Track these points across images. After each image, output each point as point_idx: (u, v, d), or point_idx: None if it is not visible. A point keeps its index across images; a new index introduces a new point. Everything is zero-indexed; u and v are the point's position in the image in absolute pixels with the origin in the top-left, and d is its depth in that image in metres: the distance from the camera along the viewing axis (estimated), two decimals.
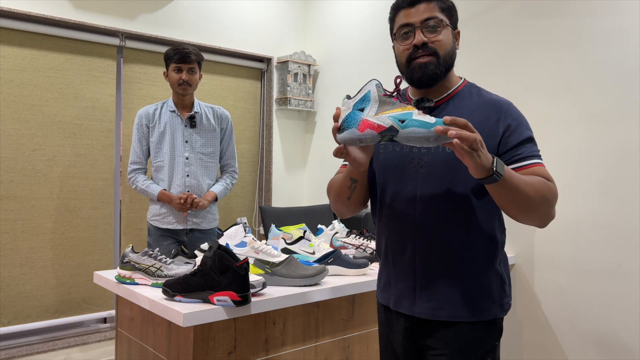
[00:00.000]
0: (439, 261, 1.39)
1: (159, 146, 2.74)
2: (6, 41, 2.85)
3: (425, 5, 1.36)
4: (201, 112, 2.80)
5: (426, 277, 1.40)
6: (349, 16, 3.71)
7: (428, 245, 1.39)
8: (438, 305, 1.39)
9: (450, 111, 1.39)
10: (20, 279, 2.89)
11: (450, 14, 1.40)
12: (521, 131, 1.36)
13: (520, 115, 1.40)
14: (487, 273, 1.40)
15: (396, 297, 1.47)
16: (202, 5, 3.50)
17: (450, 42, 1.38)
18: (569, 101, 2.52)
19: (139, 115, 2.76)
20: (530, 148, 1.36)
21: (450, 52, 1.39)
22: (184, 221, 2.74)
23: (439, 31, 1.36)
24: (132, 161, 2.76)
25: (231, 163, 2.93)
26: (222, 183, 2.86)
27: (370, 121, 1.18)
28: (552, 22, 2.59)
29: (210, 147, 2.82)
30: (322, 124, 3.95)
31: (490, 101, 1.40)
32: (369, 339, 2.13)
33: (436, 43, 1.36)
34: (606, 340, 2.38)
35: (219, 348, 1.68)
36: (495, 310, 1.40)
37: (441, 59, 1.36)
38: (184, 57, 2.66)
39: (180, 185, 2.73)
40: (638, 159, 2.29)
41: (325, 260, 2.09)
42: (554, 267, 2.56)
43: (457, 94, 1.43)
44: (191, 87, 2.71)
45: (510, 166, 1.34)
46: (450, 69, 1.41)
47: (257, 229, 3.85)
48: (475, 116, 1.37)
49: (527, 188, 1.25)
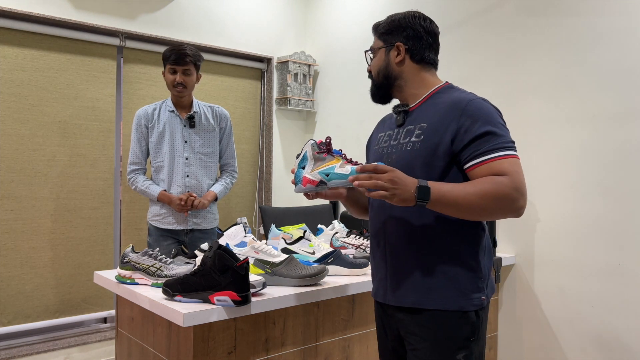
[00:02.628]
0: (405, 251, 1.47)
1: (159, 146, 2.73)
2: (6, 41, 2.85)
3: (374, 38, 1.61)
4: (200, 111, 2.79)
5: (395, 267, 1.49)
6: (349, 16, 3.71)
7: (397, 236, 1.48)
8: (404, 293, 1.47)
9: (417, 116, 1.50)
10: (21, 279, 2.90)
11: (387, 33, 1.55)
12: (477, 127, 1.37)
13: (480, 111, 1.40)
14: (455, 265, 1.43)
15: (375, 287, 1.59)
16: (202, 5, 3.50)
17: (379, 64, 1.56)
18: (569, 101, 2.53)
19: (137, 116, 2.74)
20: (489, 142, 1.37)
21: (381, 71, 1.56)
22: (184, 221, 2.74)
23: (373, 59, 1.60)
24: (132, 161, 2.75)
25: (231, 162, 2.92)
26: (222, 183, 2.85)
27: (307, 177, 1.48)
28: (552, 22, 2.59)
29: (210, 147, 2.81)
30: (322, 124, 3.96)
31: (452, 101, 1.44)
32: (369, 339, 2.13)
33: (369, 70, 1.62)
34: (606, 340, 2.38)
35: (219, 348, 1.68)
36: (461, 302, 1.42)
37: (375, 80, 1.59)
38: (178, 59, 2.62)
39: (180, 186, 2.72)
40: (638, 159, 2.30)
41: (325, 260, 2.09)
42: (554, 267, 2.57)
43: (431, 97, 1.52)
44: (186, 88, 2.68)
45: (467, 164, 1.38)
46: (391, 85, 1.56)
47: (257, 229, 3.86)
48: (436, 118, 1.44)
49: (470, 197, 1.31)
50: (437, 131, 1.42)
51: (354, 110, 3.68)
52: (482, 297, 1.45)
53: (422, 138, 1.45)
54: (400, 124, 1.54)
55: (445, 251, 1.43)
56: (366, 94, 3.58)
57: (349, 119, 3.73)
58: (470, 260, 1.44)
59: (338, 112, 3.82)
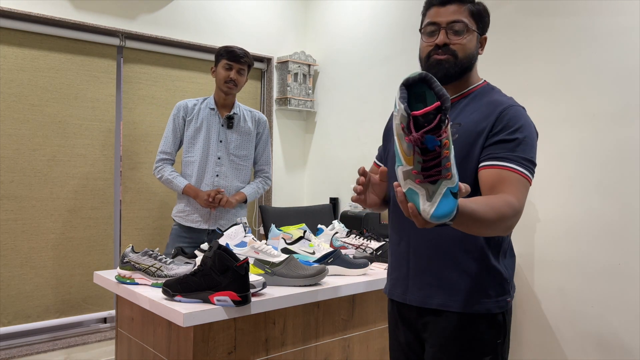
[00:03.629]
0: (431, 252, 1.42)
1: (193, 141, 2.71)
2: (6, 41, 2.85)
3: (456, 7, 1.41)
4: (240, 114, 2.78)
5: (419, 267, 1.44)
6: (349, 16, 3.71)
7: (422, 236, 1.43)
8: (429, 294, 1.42)
9: (457, 112, 1.43)
10: (21, 279, 2.90)
11: (479, 19, 1.44)
12: (507, 132, 1.33)
13: (517, 118, 1.35)
14: (481, 267, 1.40)
15: (391, 285, 1.54)
16: (202, 5, 3.50)
17: (471, 47, 1.43)
18: (569, 101, 2.52)
19: (177, 107, 2.73)
20: (511, 150, 1.31)
21: (470, 55, 1.43)
22: (209, 220, 2.71)
23: (462, 35, 1.41)
24: (162, 150, 2.73)
25: (265, 169, 2.89)
26: (254, 186, 2.83)
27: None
28: (552, 22, 2.59)
29: (244, 150, 2.78)
30: (322, 124, 3.96)
31: (492, 104, 1.40)
32: (369, 339, 2.13)
33: (457, 45, 1.41)
34: (606, 340, 2.38)
35: (219, 348, 1.68)
36: (488, 304, 1.39)
37: (458, 60, 1.41)
38: (238, 57, 2.65)
39: (209, 185, 2.70)
40: (638, 159, 2.29)
41: (325, 260, 2.09)
42: (554, 267, 2.57)
43: (471, 94, 1.46)
44: (236, 87, 2.69)
45: (481, 163, 1.34)
46: (468, 71, 1.45)
47: (257, 229, 3.85)
48: (472, 119, 1.39)
49: (488, 216, 1.17)
50: (472, 133, 1.36)
51: (354, 110, 3.68)
52: (507, 298, 1.43)
53: (456, 137, 1.38)
54: None
55: (472, 253, 1.39)
56: (366, 94, 3.58)
57: (349, 119, 3.73)
58: (496, 262, 1.41)
59: (338, 112, 3.81)
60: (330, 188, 3.87)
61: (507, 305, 1.42)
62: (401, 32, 3.34)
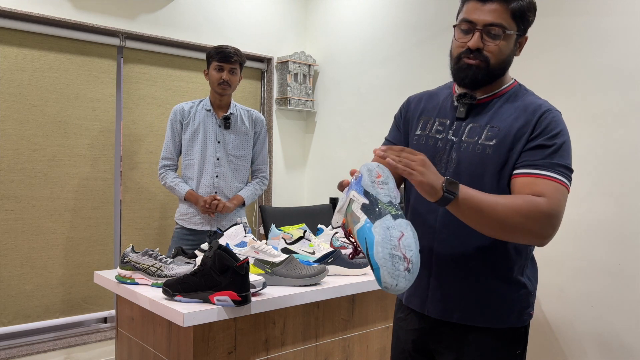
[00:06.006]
0: (455, 263, 1.35)
1: (191, 144, 2.72)
2: (6, 41, 2.86)
3: (497, 5, 1.29)
4: (237, 114, 2.78)
5: (441, 278, 1.38)
6: (349, 16, 3.71)
7: (447, 245, 1.36)
8: (450, 307, 1.37)
9: (484, 113, 1.37)
10: (21, 279, 2.90)
11: (521, 19, 1.32)
12: (547, 137, 1.27)
13: (554, 124, 1.29)
14: (506, 281, 1.34)
15: (409, 292, 1.47)
16: (202, 5, 3.50)
17: (506, 52, 1.33)
18: (569, 101, 2.52)
19: (173, 111, 2.74)
20: (547, 157, 1.25)
21: (504, 61, 1.35)
22: (210, 222, 2.73)
23: (497, 40, 1.31)
24: (164, 157, 2.75)
25: (262, 168, 2.89)
26: (251, 187, 2.82)
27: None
28: (552, 22, 2.59)
29: (242, 150, 2.79)
30: (322, 123, 3.96)
31: (528, 104, 1.34)
32: (368, 339, 2.13)
33: (491, 50, 1.32)
34: (606, 340, 2.38)
35: (219, 348, 1.68)
36: (512, 319, 1.35)
37: (490, 68, 1.33)
38: (226, 57, 2.64)
39: (208, 186, 2.71)
40: (638, 159, 2.29)
41: (325, 260, 2.09)
42: (554, 267, 2.57)
43: (505, 95, 1.38)
44: (230, 87, 2.69)
45: (515, 170, 1.28)
46: (500, 76, 1.37)
47: (257, 229, 3.86)
48: (509, 123, 1.32)
49: (497, 207, 1.18)
50: (511, 137, 1.29)
51: (354, 110, 3.68)
52: (531, 311, 1.39)
53: (494, 142, 1.31)
54: (462, 117, 1.38)
55: (497, 267, 1.34)
56: (366, 94, 3.58)
57: (349, 119, 3.73)
58: (520, 275, 1.36)
59: (338, 112, 3.82)
60: (330, 188, 3.87)
61: (530, 318, 1.38)
62: (401, 32, 3.34)
